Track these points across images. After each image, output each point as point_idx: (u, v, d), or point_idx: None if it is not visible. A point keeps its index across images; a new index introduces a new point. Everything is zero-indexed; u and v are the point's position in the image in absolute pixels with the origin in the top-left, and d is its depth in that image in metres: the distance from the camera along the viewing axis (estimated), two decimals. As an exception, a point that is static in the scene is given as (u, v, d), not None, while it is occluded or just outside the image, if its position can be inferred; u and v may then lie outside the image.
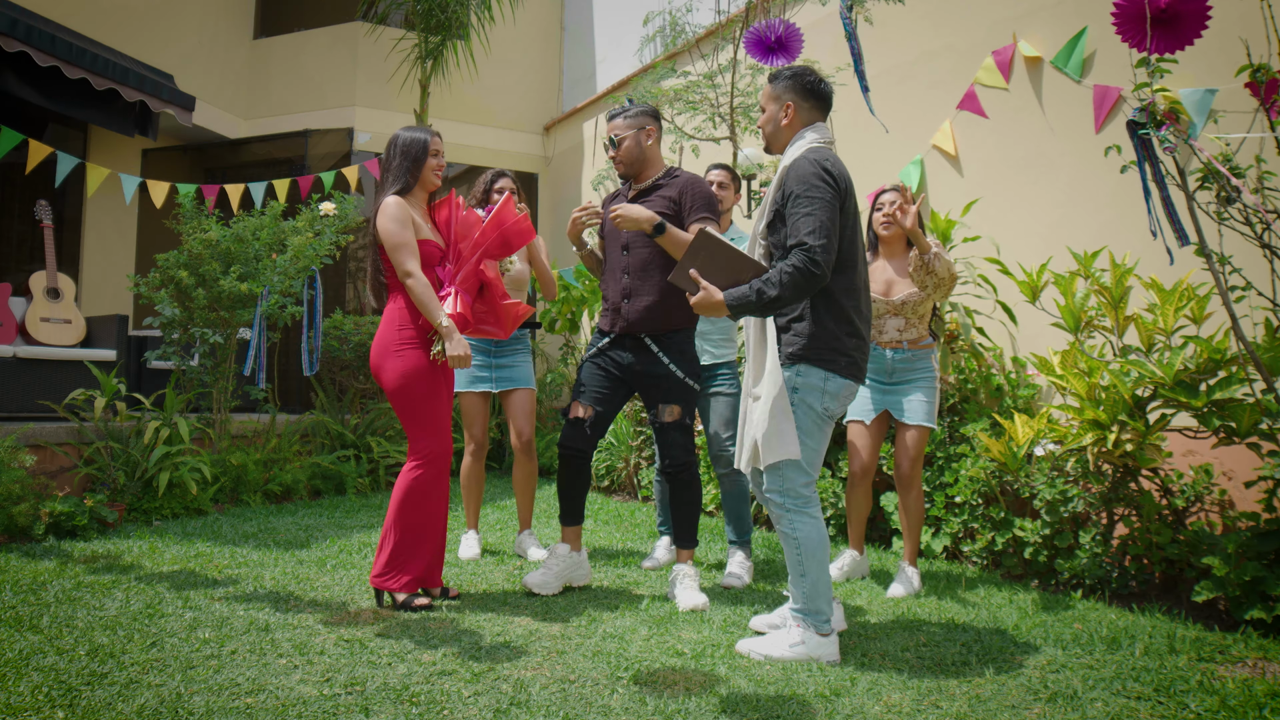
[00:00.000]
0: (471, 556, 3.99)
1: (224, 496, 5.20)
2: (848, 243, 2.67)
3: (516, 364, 4.06)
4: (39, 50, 5.27)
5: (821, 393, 2.64)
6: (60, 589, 3.17)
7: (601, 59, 8.55)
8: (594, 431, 3.35)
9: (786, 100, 2.78)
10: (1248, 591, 2.92)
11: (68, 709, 2.10)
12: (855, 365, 2.67)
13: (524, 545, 4.09)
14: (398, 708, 2.17)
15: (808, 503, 2.66)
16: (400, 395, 3.09)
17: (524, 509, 4.14)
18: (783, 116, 2.78)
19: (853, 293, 2.67)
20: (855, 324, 2.68)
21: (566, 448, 3.36)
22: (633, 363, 3.36)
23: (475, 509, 4.13)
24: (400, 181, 3.16)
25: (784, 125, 2.79)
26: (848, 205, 2.65)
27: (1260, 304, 3.19)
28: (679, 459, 3.36)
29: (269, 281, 5.17)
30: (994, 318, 4.41)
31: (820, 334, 2.63)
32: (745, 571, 3.65)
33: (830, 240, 2.54)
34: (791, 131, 2.79)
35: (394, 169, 3.17)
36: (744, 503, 3.78)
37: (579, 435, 3.34)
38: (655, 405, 3.37)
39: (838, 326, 2.64)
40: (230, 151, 8.31)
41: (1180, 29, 2.75)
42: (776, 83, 2.81)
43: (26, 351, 5.39)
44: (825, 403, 2.64)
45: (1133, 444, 3.27)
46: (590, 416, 3.34)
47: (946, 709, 2.23)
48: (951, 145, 4.76)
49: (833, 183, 2.59)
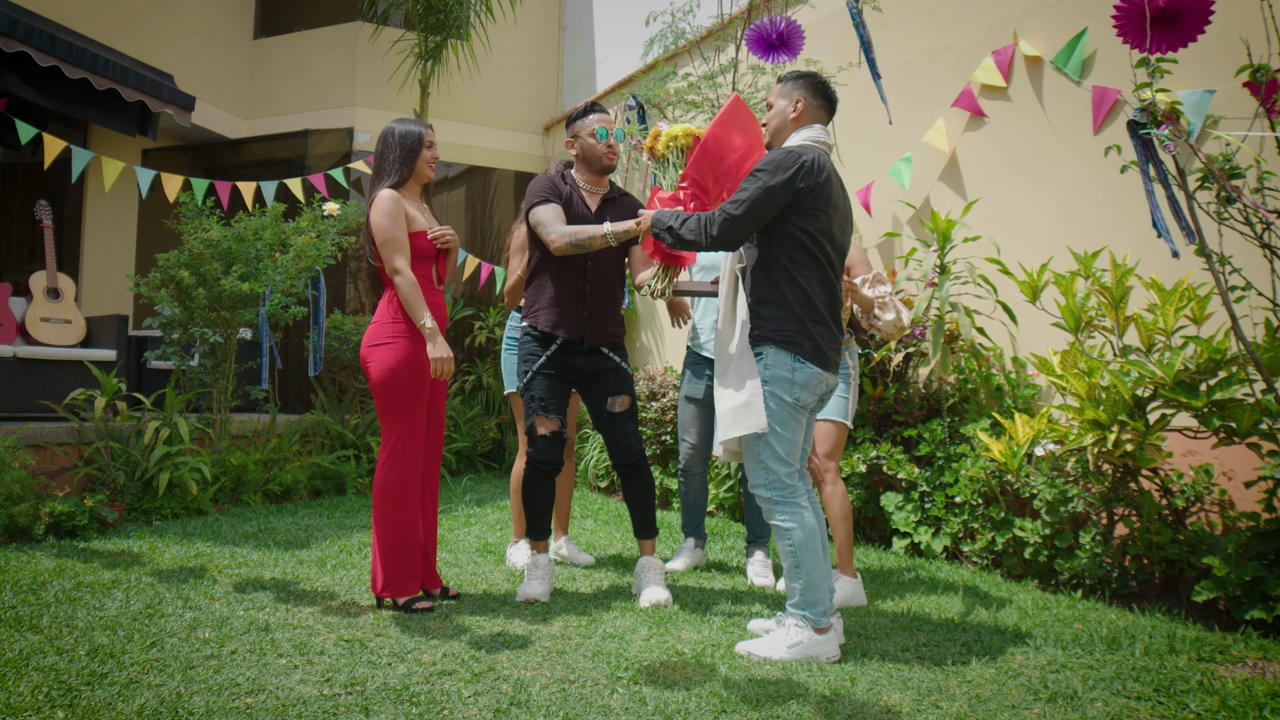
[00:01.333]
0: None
1: (224, 496, 5.20)
2: (817, 233, 2.69)
3: None
4: (39, 50, 5.27)
5: (790, 383, 2.66)
6: (60, 589, 3.17)
7: (601, 59, 8.54)
8: (563, 441, 3.34)
9: (796, 95, 2.84)
10: (1248, 591, 2.92)
11: (68, 709, 2.10)
12: (821, 352, 2.69)
13: (562, 551, 4.04)
14: (398, 708, 2.17)
15: (794, 493, 2.68)
16: (384, 387, 3.08)
17: (563, 513, 4.08)
18: (791, 110, 2.84)
19: (818, 283, 2.71)
20: (823, 314, 2.71)
21: (548, 464, 3.29)
22: (583, 364, 3.37)
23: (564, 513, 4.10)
24: (395, 175, 3.16)
25: (791, 119, 2.84)
26: (818, 199, 2.67)
27: (1260, 304, 3.19)
28: (635, 448, 3.37)
29: (271, 281, 5.17)
30: (994, 318, 4.41)
31: (787, 317, 2.68)
32: (768, 569, 3.74)
33: (744, 214, 2.63)
34: (796, 126, 2.84)
35: (389, 162, 3.17)
36: None
37: (553, 450, 3.29)
38: (604, 398, 3.37)
39: (804, 313, 2.68)
40: (230, 151, 8.31)
41: (1182, 27, 2.74)
42: (786, 82, 2.89)
43: (26, 351, 5.39)
44: (795, 393, 2.67)
45: (1133, 444, 3.27)
46: (559, 428, 3.33)
47: (946, 709, 2.23)
48: (945, 143, 4.76)
49: (783, 170, 2.63)
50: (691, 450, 3.90)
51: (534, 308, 3.38)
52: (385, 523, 3.08)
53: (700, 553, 3.97)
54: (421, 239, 3.15)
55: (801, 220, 2.67)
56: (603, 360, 3.39)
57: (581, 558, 3.99)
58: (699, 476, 3.95)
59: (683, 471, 3.96)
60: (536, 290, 3.39)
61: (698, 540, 3.98)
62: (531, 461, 3.30)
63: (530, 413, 3.32)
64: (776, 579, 3.74)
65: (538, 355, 3.34)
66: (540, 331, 3.35)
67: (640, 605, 3.18)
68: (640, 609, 3.14)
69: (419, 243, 3.14)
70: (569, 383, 3.39)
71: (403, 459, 3.10)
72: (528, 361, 3.36)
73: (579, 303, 3.34)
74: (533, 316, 3.37)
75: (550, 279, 3.36)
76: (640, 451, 3.39)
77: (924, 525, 4.12)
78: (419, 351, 3.10)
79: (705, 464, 3.94)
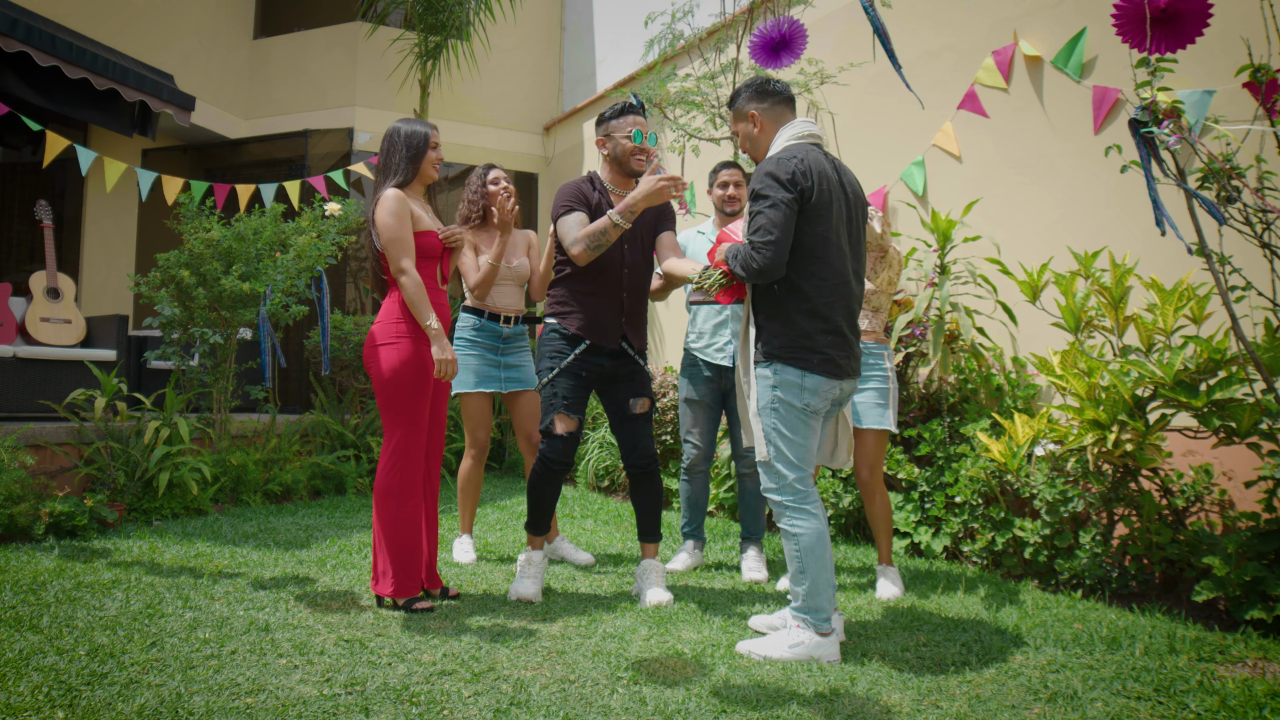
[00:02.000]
0: (467, 561, 3.94)
1: (224, 496, 5.20)
2: (817, 238, 2.66)
3: (523, 364, 4.01)
4: (39, 50, 5.27)
5: (800, 389, 2.65)
6: (60, 589, 3.17)
7: (601, 59, 8.54)
8: (577, 442, 3.33)
9: (749, 110, 2.85)
10: (1248, 591, 2.92)
11: (68, 709, 2.10)
12: (831, 362, 2.67)
13: (560, 551, 4.05)
14: (398, 708, 2.17)
15: (805, 498, 2.67)
16: (388, 386, 3.08)
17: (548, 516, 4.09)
18: (753, 128, 2.86)
19: (826, 289, 2.67)
20: (832, 320, 2.67)
21: (558, 463, 3.28)
22: (610, 366, 3.36)
23: (471, 513, 4.09)
24: (401, 175, 3.16)
25: (758, 135, 2.85)
26: (815, 202, 2.64)
27: (1260, 304, 3.19)
28: (649, 449, 3.38)
29: (271, 281, 5.17)
30: (994, 318, 4.41)
31: (791, 333, 2.66)
32: (762, 563, 3.80)
33: (777, 238, 2.60)
34: (768, 138, 2.85)
35: (395, 162, 3.17)
36: (761, 500, 3.84)
37: (569, 449, 3.28)
38: (626, 399, 3.37)
39: (810, 324, 2.65)
40: (230, 151, 8.31)
41: (1181, 27, 2.74)
42: (733, 104, 2.91)
43: (26, 351, 5.39)
44: (805, 399, 2.66)
45: (1133, 444, 3.27)
46: (577, 428, 3.31)
47: (946, 709, 2.23)
48: (954, 145, 4.76)
49: (784, 183, 2.62)
50: (696, 451, 3.94)
51: (566, 309, 3.32)
52: (387, 523, 3.08)
53: (699, 554, 3.99)
54: (426, 239, 3.15)
55: (805, 224, 2.65)
56: (629, 363, 3.39)
57: (581, 556, 3.99)
58: (702, 475, 3.99)
59: (686, 470, 3.99)
60: (569, 292, 3.33)
61: (697, 542, 3.99)
62: (543, 459, 3.28)
63: (550, 410, 3.28)
64: (773, 576, 3.76)
65: (565, 354, 3.29)
66: (570, 332, 3.31)
67: (641, 606, 3.19)
68: (640, 609, 3.14)
69: (424, 242, 3.14)
70: (592, 384, 3.37)
71: (405, 459, 3.10)
72: (554, 359, 3.30)
73: (617, 308, 3.32)
74: (565, 318, 3.31)
75: (585, 282, 3.30)
76: (653, 453, 3.40)
77: (924, 525, 4.12)
78: (423, 352, 3.10)
79: (708, 463, 3.98)
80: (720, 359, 3.85)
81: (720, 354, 3.86)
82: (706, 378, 3.89)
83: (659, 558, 3.44)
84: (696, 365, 3.92)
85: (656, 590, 3.26)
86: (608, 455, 6.22)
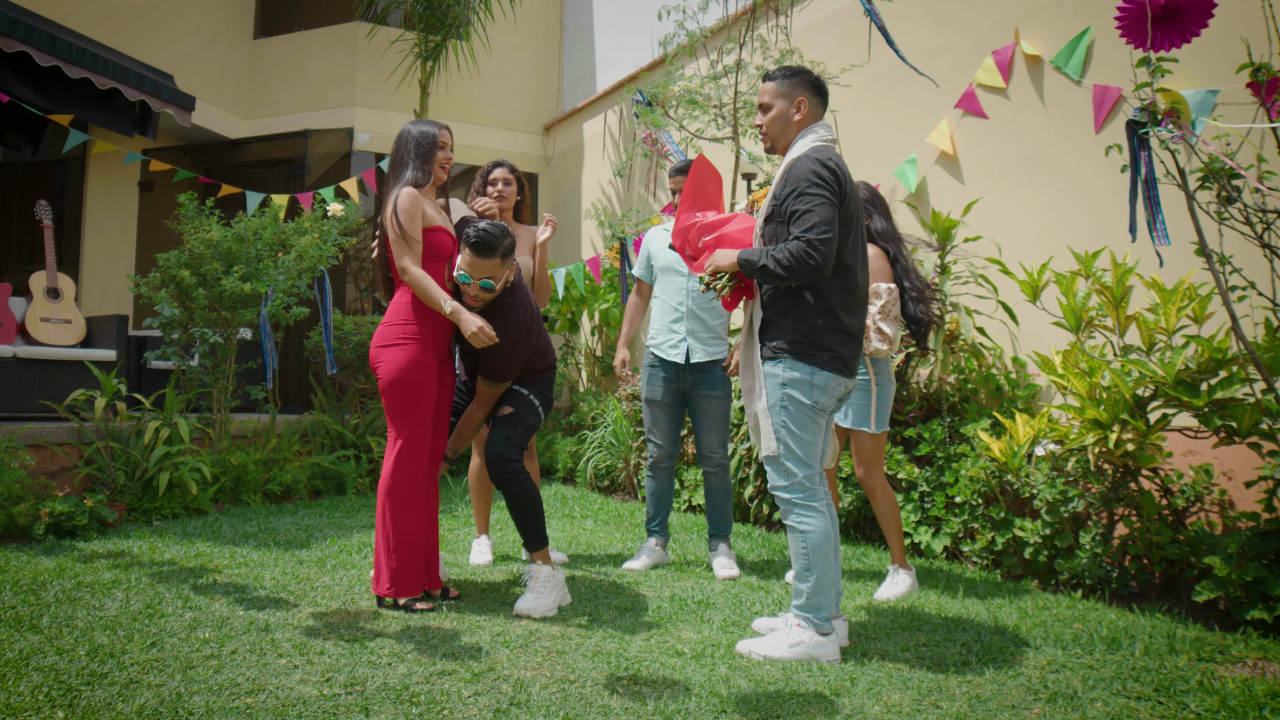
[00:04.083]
0: (484, 563, 3.89)
1: (224, 496, 5.20)
2: (850, 239, 2.67)
3: None
4: (39, 50, 5.26)
5: (810, 386, 2.64)
6: (60, 589, 3.17)
7: (601, 59, 8.54)
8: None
9: (799, 96, 2.76)
10: (1248, 591, 2.91)
11: (68, 709, 2.10)
12: (841, 361, 2.67)
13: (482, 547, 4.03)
14: (398, 708, 2.17)
15: (813, 495, 2.66)
16: (393, 388, 3.08)
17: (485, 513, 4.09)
18: (794, 112, 2.76)
19: (847, 292, 2.67)
20: (844, 322, 2.67)
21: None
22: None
23: (486, 513, 4.04)
24: (416, 174, 3.17)
25: (795, 120, 2.76)
26: (847, 206, 2.65)
27: (1260, 304, 3.19)
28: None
29: (273, 281, 5.17)
30: (994, 318, 4.41)
31: (804, 329, 2.65)
32: (733, 560, 3.89)
33: (832, 235, 2.55)
34: (799, 128, 2.77)
35: (408, 163, 3.18)
36: (729, 499, 3.96)
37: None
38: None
39: (824, 322, 2.64)
40: (230, 151, 8.31)
41: (1183, 22, 2.73)
42: (781, 80, 2.78)
43: (26, 351, 5.39)
44: (814, 396, 2.65)
45: (1133, 444, 3.27)
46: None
47: (946, 709, 2.23)
48: (949, 144, 4.76)
49: (834, 181, 2.60)
50: (659, 449, 4.00)
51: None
52: (389, 523, 3.08)
53: (662, 552, 3.99)
54: (438, 236, 3.15)
55: (838, 228, 2.63)
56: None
57: (554, 555, 3.99)
58: (666, 471, 4.03)
59: (650, 467, 4.04)
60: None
61: (660, 539, 4.00)
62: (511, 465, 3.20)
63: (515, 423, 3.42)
64: (765, 574, 3.76)
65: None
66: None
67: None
68: (640, 609, 3.14)
69: (436, 240, 3.14)
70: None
71: (409, 460, 3.10)
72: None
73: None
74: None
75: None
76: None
77: (924, 525, 4.12)
78: (429, 354, 3.11)
79: (673, 460, 4.03)
80: (674, 355, 3.88)
81: (674, 350, 3.89)
82: (664, 378, 3.93)
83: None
84: (655, 364, 3.97)
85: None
86: (607, 455, 6.22)
